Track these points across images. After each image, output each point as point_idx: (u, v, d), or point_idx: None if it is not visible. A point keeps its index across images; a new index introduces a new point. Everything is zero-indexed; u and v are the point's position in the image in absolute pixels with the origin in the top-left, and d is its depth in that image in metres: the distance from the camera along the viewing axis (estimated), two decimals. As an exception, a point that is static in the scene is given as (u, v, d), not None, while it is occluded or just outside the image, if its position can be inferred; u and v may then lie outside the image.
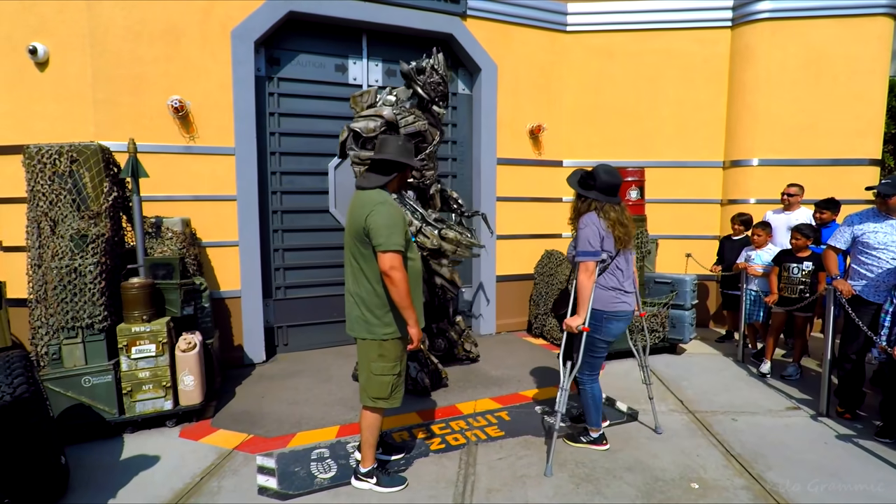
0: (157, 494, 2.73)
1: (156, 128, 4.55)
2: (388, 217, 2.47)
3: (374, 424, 2.74)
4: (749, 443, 3.32)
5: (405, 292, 2.48)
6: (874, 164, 6.05)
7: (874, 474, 2.94)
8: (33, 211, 3.41)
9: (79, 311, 3.31)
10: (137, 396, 3.41)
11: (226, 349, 4.89)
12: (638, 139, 6.34)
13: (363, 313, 2.60)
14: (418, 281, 2.71)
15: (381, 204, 2.51)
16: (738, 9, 6.03)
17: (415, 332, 2.59)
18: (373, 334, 2.60)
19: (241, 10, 4.72)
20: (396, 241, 2.44)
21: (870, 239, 3.61)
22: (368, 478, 2.78)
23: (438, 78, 3.90)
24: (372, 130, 3.74)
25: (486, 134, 5.87)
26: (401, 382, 2.72)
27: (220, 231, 4.83)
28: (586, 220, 2.96)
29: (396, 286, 2.46)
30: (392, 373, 2.65)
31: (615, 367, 4.83)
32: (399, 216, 2.54)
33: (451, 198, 4.61)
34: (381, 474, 2.80)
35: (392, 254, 2.44)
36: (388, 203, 2.54)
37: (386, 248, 2.43)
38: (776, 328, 4.67)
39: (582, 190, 3.03)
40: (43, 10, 4.24)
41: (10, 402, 2.39)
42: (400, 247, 2.46)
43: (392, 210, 2.52)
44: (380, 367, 2.64)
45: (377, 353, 2.63)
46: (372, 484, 2.77)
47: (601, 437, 3.24)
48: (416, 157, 3.90)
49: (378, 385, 2.65)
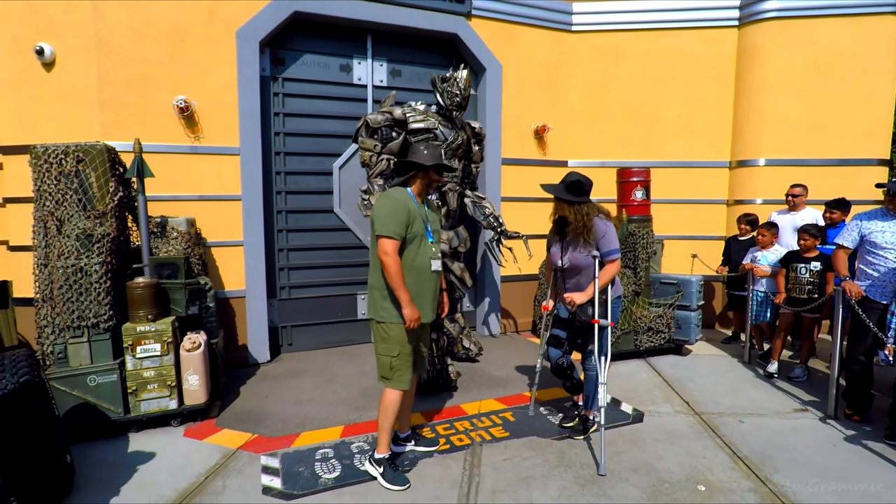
0: (162, 493, 2.74)
1: (161, 128, 4.56)
2: (385, 208, 2.70)
3: (388, 408, 2.85)
4: (756, 445, 3.30)
5: (395, 274, 2.66)
6: (883, 164, 6.00)
7: (883, 477, 2.90)
8: (40, 210, 3.42)
9: (84, 310, 3.32)
10: (142, 396, 3.42)
11: (230, 349, 4.90)
12: (644, 139, 6.31)
13: (373, 296, 2.84)
14: (423, 273, 2.83)
15: (383, 196, 2.77)
16: (744, 8, 6.00)
17: (407, 312, 2.71)
18: (377, 316, 2.81)
19: (247, 11, 4.73)
20: (390, 228, 2.65)
21: (877, 238, 3.58)
22: (377, 465, 2.89)
23: (456, 89, 4.15)
24: (378, 122, 4.07)
25: (491, 134, 5.86)
26: (403, 366, 2.83)
27: (224, 231, 4.84)
28: (602, 223, 3.17)
29: (387, 269, 2.66)
30: (390, 354, 2.80)
31: (620, 369, 4.80)
32: (399, 208, 2.71)
33: (486, 213, 4.63)
34: (389, 468, 2.88)
35: (385, 239, 2.65)
36: (390, 196, 2.76)
37: (379, 233, 2.66)
38: (783, 329, 4.63)
39: (581, 197, 3.15)
40: (49, 11, 4.26)
41: (17, 400, 2.40)
42: (392, 234, 2.65)
43: (391, 202, 2.72)
44: (382, 348, 2.83)
45: (380, 334, 2.83)
46: (378, 473, 2.87)
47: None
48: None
49: (381, 364, 2.85)
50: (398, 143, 4.12)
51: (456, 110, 4.22)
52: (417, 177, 2.88)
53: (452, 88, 4.15)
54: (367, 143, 4.14)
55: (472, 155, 4.54)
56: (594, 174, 6.48)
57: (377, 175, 4.15)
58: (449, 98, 4.17)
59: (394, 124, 4.11)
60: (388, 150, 4.13)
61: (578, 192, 3.14)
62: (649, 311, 5.17)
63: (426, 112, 4.23)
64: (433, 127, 4.16)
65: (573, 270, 3.25)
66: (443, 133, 4.19)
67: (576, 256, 3.19)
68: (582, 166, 6.35)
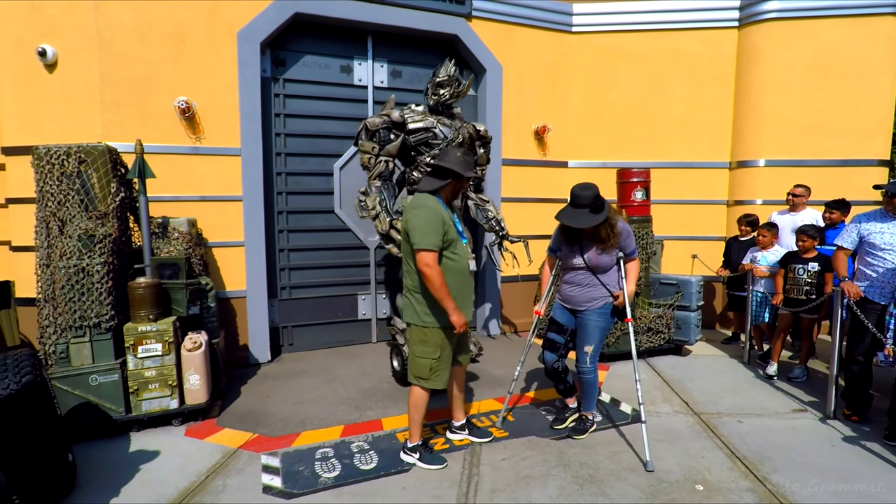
0: (163, 492, 2.75)
1: (162, 129, 4.58)
2: (421, 219, 2.76)
3: (418, 403, 3.00)
4: (755, 445, 3.30)
5: (439, 285, 2.74)
6: (883, 164, 6.00)
7: (882, 477, 2.91)
8: (42, 211, 3.44)
9: (86, 310, 3.34)
10: (144, 395, 3.44)
11: (231, 349, 4.92)
12: (644, 140, 6.31)
13: (411, 301, 2.93)
14: (464, 275, 2.95)
15: (418, 208, 2.81)
16: (745, 9, 6.00)
17: (455, 318, 2.82)
18: (417, 320, 2.91)
19: (248, 12, 4.75)
20: (430, 241, 2.73)
21: (875, 239, 3.59)
22: (413, 453, 3.05)
23: (439, 81, 4.20)
24: (376, 125, 4.16)
25: (492, 134, 5.85)
26: (442, 367, 2.96)
27: (225, 231, 4.86)
28: (623, 224, 3.22)
29: (430, 280, 2.74)
30: (431, 357, 2.91)
31: (620, 369, 4.81)
32: (434, 219, 2.78)
33: (489, 216, 4.70)
34: (424, 451, 3.06)
35: (424, 252, 2.73)
36: (424, 207, 2.81)
37: (419, 247, 2.73)
38: (782, 330, 4.64)
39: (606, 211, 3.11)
40: (52, 12, 4.29)
41: (19, 399, 2.42)
42: (432, 246, 2.73)
43: (426, 213, 2.78)
44: (421, 351, 2.93)
45: (419, 337, 2.93)
46: (415, 459, 3.03)
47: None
48: (426, 154, 4.23)
49: (419, 366, 2.94)
50: (396, 144, 4.18)
51: (443, 105, 4.25)
52: (450, 184, 2.95)
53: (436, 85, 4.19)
54: (365, 145, 4.21)
55: (476, 157, 4.56)
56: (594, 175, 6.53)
57: (376, 177, 4.20)
58: (433, 93, 4.21)
59: (392, 126, 4.18)
60: (385, 151, 4.19)
61: (602, 208, 3.08)
62: (649, 311, 5.18)
63: (425, 112, 4.28)
64: (432, 126, 4.20)
65: (591, 269, 3.22)
66: (442, 132, 4.23)
67: (598, 257, 3.18)
68: (582, 167, 6.37)
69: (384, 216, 4.13)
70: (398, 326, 4.46)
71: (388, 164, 4.24)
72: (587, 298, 3.25)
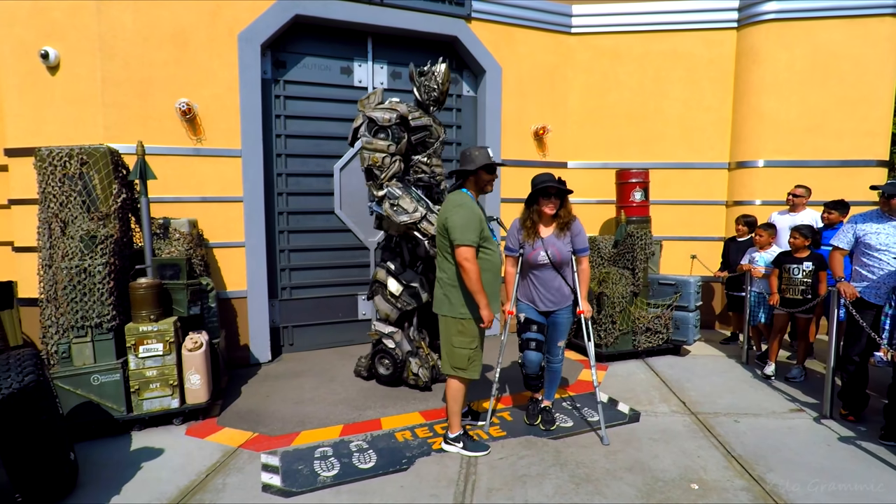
0: (164, 491, 2.78)
1: (164, 130, 4.62)
2: (462, 217, 2.91)
3: (456, 395, 3.13)
4: (751, 444, 3.33)
5: (475, 279, 2.89)
6: (882, 165, 6.01)
7: (877, 476, 2.93)
8: (44, 212, 3.48)
9: (88, 310, 3.37)
10: (145, 395, 3.47)
11: (232, 349, 4.96)
12: (643, 140, 6.33)
13: (447, 294, 3.06)
14: (495, 271, 3.11)
15: (458, 206, 2.96)
16: (743, 10, 6.01)
17: (486, 313, 2.96)
18: (454, 312, 3.04)
19: (248, 14, 4.78)
20: (469, 237, 2.88)
21: (871, 240, 3.60)
22: (456, 442, 3.17)
23: (434, 84, 4.09)
24: (388, 121, 3.88)
25: (491, 135, 5.89)
26: (478, 356, 3.10)
27: (226, 232, 4.90)
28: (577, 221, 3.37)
29: (468, 274, 2.89)
30: (469, 347, 3.05)
31: (618, 369, 4.84)
32: (473, 216, 2.94)
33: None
34: (467, 440, 3.19)
35: (464, 247, 2.88)
36: (464, 205, 2.97)
37: (459, 242, 2.88)
38: (779, 330, 4.65)
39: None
40: (54, 15, 4.32)
41: (22, 399, 2.45)
42: (471, 242, 2.89)
43: (466, 211, 2.94)
44: (459, 341, 3.05)
45: (457, 328, 3.05)
46: (459, 448, 3.16)
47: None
48: (423, 153, 4.22)
49: (458, 357, 3.06)
50: (405, 143, 3.94)
51: (433, 105, 4.18)
52: (482, 180, 3.09)
53: (430, 83, 4.09)
54: (377, 143, 3.84)
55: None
56: (594, 175, 6.55)
57: (391, 177, 3.89)
58: (426, 92, 4.12)
59: (400, 122, 3.92)
60: (397, 150, 3.89)
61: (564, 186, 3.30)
62: (647, 311, 5.20)
63: (412, 108, 4.14)
64: (429, 124, 4.16)
65: (556, 266, 3.32)
66: (436, 130, 4.24)
67: (559, 252, 3.30)
68: (581, 167, 6.39)
69: (433, 216, 3.85)
70: (384, 330, 4.23)
71: (401, 164, 3.94)
72: (559, 299, 3.39)
